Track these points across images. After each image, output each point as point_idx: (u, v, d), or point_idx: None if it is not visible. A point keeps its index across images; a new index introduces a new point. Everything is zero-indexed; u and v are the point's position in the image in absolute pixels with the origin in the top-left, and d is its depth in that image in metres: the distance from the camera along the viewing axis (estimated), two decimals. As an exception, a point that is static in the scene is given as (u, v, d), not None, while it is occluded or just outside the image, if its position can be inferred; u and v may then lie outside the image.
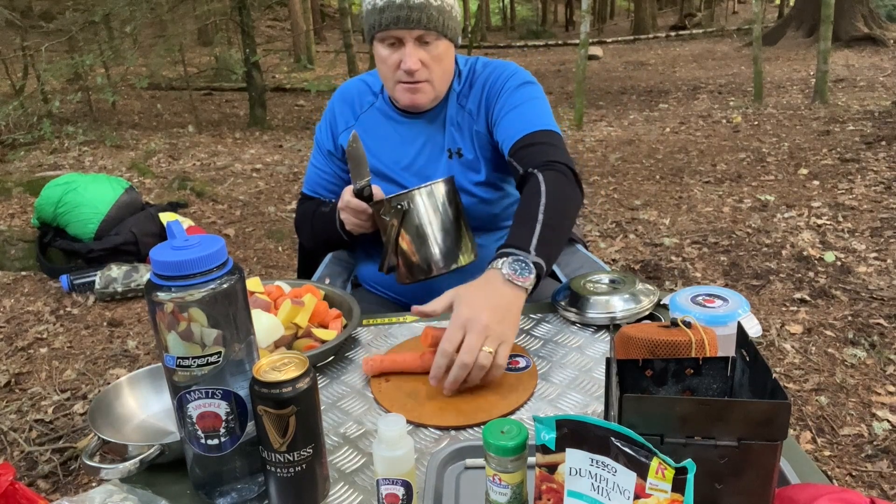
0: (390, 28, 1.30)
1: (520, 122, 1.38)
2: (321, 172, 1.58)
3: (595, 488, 0.68)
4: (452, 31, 1.35)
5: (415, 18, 1.29)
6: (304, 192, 1.62)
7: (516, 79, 1.44)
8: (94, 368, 2.74)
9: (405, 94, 1.37)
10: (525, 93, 1.42)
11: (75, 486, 2.05)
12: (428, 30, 1.30)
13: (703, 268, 3.40)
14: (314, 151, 1.60)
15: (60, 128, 7.13)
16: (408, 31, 1.30)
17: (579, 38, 7.00)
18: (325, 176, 1.57)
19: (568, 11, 23.52)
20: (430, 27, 1.30)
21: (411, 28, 1.30)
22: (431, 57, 1.34)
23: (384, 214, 1.29)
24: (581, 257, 1.66)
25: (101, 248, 3.60)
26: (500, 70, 1.46)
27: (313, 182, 1.60)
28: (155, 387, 1.05)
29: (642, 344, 0.93)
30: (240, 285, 0.80)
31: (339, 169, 1.56)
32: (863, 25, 11.17)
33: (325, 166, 1.57)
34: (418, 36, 1.31)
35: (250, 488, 0.86)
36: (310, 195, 1.60)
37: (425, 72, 1.35)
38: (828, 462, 2.00)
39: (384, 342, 1.26)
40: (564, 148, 1.38)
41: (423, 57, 1.33)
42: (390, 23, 1.29)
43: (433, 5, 1.30)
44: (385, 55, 1.35)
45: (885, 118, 6.21)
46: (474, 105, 1.45)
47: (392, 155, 1.48)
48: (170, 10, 8.26)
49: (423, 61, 1.33)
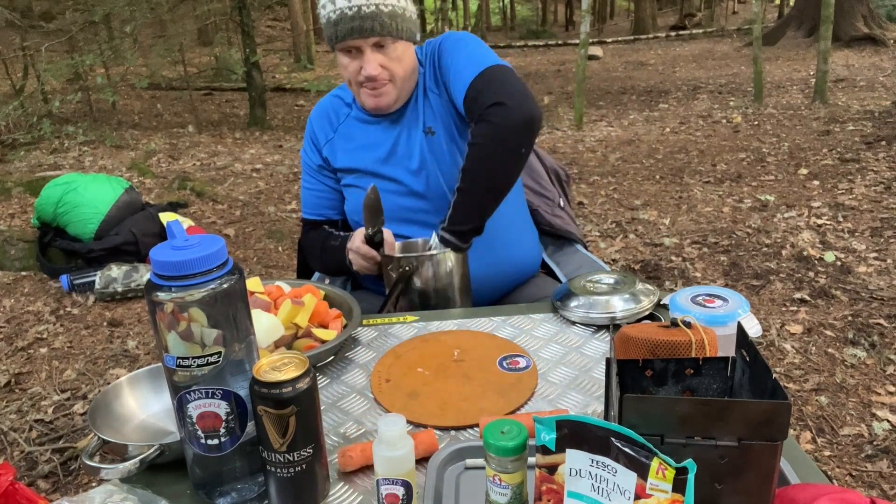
0: (346, 39, 1.36)
1: (458, 75, 1.41)
2: (316, 192, 1.61)
3: (595, 489, 0.68)
4: (408, 31, 1.40)
5: (367, 28, 1.34)
6: (305, 218, 1.65)
7: (450, 40, 1.49)
8: (94, 368, 2.74)
9: (369, 98, 1.43)
10: (461, 47, 1.46)
11: (75, 486, 2.05)
12: (382, 36, 1.36)
13: (703, 268, 3.40)
14: (304, 176, 1.63)
15: (60, 128, 7.13)
16: (363, 40, 1.36)
17: (579, 38, 7.00)
18: (321, 194, 1.60)
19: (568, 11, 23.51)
20: (383, 33, 1.35)
21: (366, 37, 1.35)
22: (390, 59, 1.39)
23: (391, 270, 1.37)
24: (581, 257, 1.67)
25: (101, 248, 3.60)
26: (436, 42, 1.51)
27: (311, 204, 1.63)
28: (155, 387, 1.05)
29: (642, 344, 0.93)
30: (240, 285, 0.80)
31: (330, 181, 1.59)
32: (863, 25, 11.17)
33: (317, 185, 1.60)
34: (375, 42, 1.36)
35: (250, 488, 0.86)
36: (312, 219, 1.63)
37: (386, 73, 1.40)
38: (828, 462, 1.99)
39: (384, 342, 1.26)
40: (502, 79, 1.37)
41: (382, 61, 1.39)
42: (346, 34, 1.35)
43: (384, 12, 1.34)
44: (346, 63, 1.40)
45: (885, 118, 6.21)
46: (431, 80, 1.49)
47: (372, 154, 1.52)
48: (170, 10, 8.26)
49: (382, 65, 1.39)
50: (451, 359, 1.17)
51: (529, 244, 1.62)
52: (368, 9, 1.33)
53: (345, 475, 0.91)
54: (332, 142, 1.56)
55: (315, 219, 1.63)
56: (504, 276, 1.55)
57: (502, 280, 1.55)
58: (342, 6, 1.34)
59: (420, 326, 1.31)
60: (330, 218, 1.62)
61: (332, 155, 1.56)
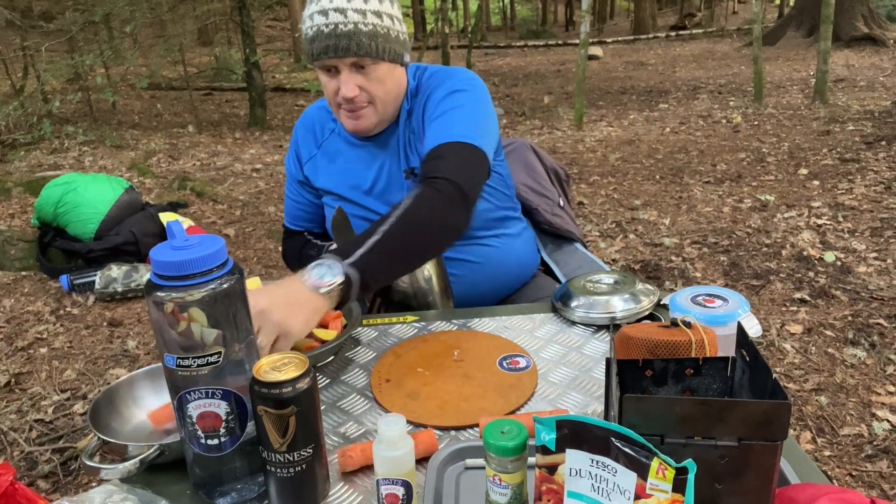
0: (322, 57, 1.28)
1: (433, 134, 1.33)
2: (296, 203, 1.59)
3: (595, 489, 0.68)
4: (391, 52, 1.30)
5: (343, 46, 1.25)
6: (286, 226, 1.65)
7: (445, 87, 1.39)
8: (94, 368, 2.74)
9: (347, 120, 1.36)
10: (450, 101, 1.36)
11: (75, 486, 2.05)
12: (360, 56, 1.27)
13: (703, 268, 3.40)
14: (287, 182, 1.60)
15: (60, 128, 7.13)
16: (339, 60, 1.28)
17: (579, 38, 7.00)
18: (301, 206, 1.59)
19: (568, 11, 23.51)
20: (361, 53, 1.26)
21: (341, 57, 1.27)
22: (369, 81, 1.30)
23: None
24: (581, 257, 1.66)
25: (101, 248, 3.60)
26: (438, 79, 1.42)
27: (292, 215, 1.62)
28: (155, 387, 1.05)
29: (642, 344, 0.93)
30: (240, 285, 0.80)
31: (311, 196, 1.57)
32: (863, 25, 11.17)
33: (298, 196, 1.58)
34: (353, 62, 1.28)
35: (250, 488, 0.86)
36: (292, 228, 1.63)
37: (365, 95, 1.31)
38: (828, 462, 1.99)
39: (384, 342, 1.26)
40: (467, 160, 1.29)
41: (361, 82, 1.30)
42: (321, 52, 1.27)
43: (363, 31, 1.25)
44: (325, 82, 1.33)
45: (885, 118, 6.21)
46: (417, 122, 1.42)
47: (353, 179, 1.47)
48: (170, 10, 8.26)
49: (360, 86, 1.30)
50: (451, 359, 1.17)
51: (526, 249, 1.61)
52: (346, 27, 1.24)
53: (345, 475, 0.91)
54: (315, 160, 1.51)
55: (295, 228, 1.63)
56: (502, 285, 1.55)
57: (501, 288, 1.55)
58: (319, 23, 1.26)
59: (420, 326, 1.31)
60: (310, 230, 1.62)
61: (314, 174, 1.51)
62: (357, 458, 0.90)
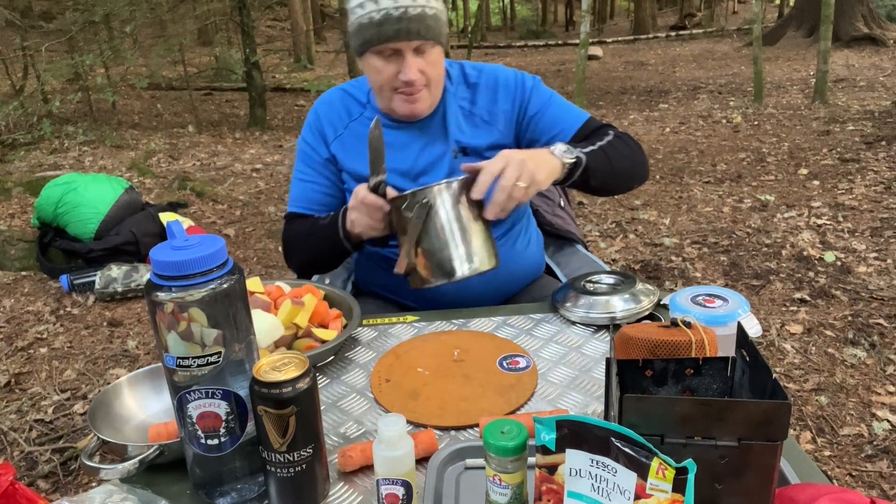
0: (390, 41, 1.29)
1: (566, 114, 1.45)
2: (312, 186, 1.50)
3: (595, 489, 0.68)
4: (445, 36, 1.37)
5: (414, 30, 1.28)
6: (291, 212, 1.53)
7: (522, 77, 1.48)
8: (94, 368, 2.74)
9: (403, 104, 1.37)
10: (545, 90, 1.49)
11: (75, 486, 2.05)
12: (426, 40, 1.31)
13: (703, 268, 3.40)
14: (299, 166, 1.53)
15: (60, 128, 7.13)
16: (407, 43, 1.30)
17: (579, 38, 7.00)
18: (318, 188, 1.50)
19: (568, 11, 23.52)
20: (428, 37, 1.31)
21: (411, 39, 1.29)
22: (428, 64, 1.34)
23: (406, 210, 1.18)
24: (581, 257, 1.67)
25: (101, 248, 3.60)
26: (496, 72, 1.48)
27: (304, 198, 1.51)
28: (155, 387, 1.05)
29: (642, 344, 0.93)
30: (240, 285, 0.80)
31: (334, 177, 1.51)
32: (863, 25, 11.17)
33: (316, 178, 1.50)
34: (417, 46, 1.31)
35: (250, 488, 0.86)
36: (300, 213, 1.51)
37: (423, 79, 1.35)
38: (828, 462, 1.99)
39: (384, 342, 1.26)
40: None
41: (421, 65, 1.33)
42: (390, 36, 1.28)
43: (429, 15, 1.30)
44: (381, 67, 1.33)
45: (885, 118, 6.21)
46: (484, 110, 1.45)
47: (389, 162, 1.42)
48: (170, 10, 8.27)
49: (421, 70, 1.33)
50: (451, 359, 1.17)
51: (535, 250, 1.61)
52: (414, 11, 1.28)
53: (345, 475, 0.91)
54: (342, 138, 1.48)
55: (304, 212, 1.51)
56: (510, 285, 1.54)
57: (508, 289, 1.55)
58: (387, 6, 1.27)
59: (420, 326, 1.31)
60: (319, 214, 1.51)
61: (342, 153, 1.48)
62: (357, 458, 0.90)
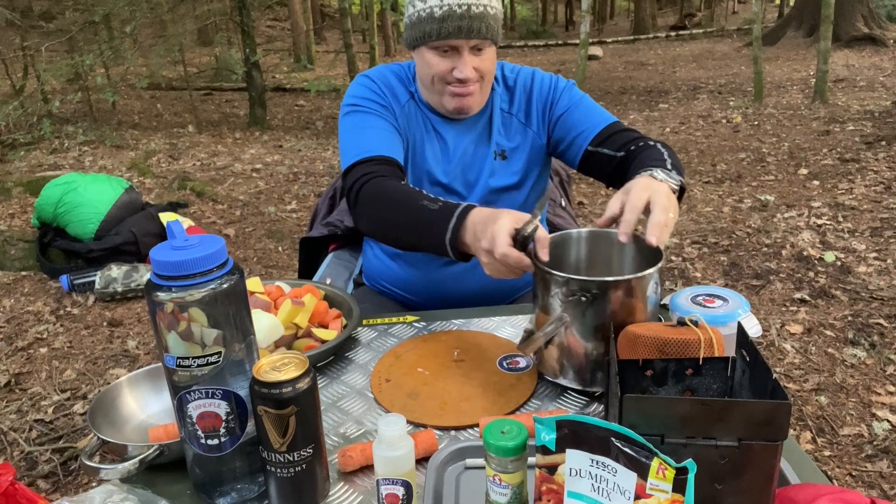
0: (450, 37, 1.29)
1: (593, 115, 1.42)
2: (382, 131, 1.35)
3: (595, 489, 0.68)
4: (500, 36, 1.36)
5: (475, 28, 1.28)
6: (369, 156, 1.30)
7: (554, 79, 1.48)
8: (94, 368, 2.74)
9: (454, 100, 1.36)
10: (576, 91, 1.47)
11: (75, 486, 2.05)
12: (485, 38, 1.31)
13: (703, 268, 3.40)
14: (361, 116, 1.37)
15: (60, 128, 7.13)
16: (466, 41, 1.29)
17: (579, 38, 7.00)
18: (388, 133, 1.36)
19: (568, 11, 23.51)
20: (488, 36, 1.31)
21: (471, 38, 1.29)
22: (483, 62, 1.34)
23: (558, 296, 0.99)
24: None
25: (101, 248, 3.60)
26: (536, 77, 1.49)
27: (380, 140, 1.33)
28: (155, 387, 1.05)
29: (650, 342, 0.92)
30: (240, 285, 0.80)
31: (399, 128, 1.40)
32: (863, 25, 11.16)
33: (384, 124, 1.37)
34: (475, 44, 1.31)
35: (250, 488, 0.86)
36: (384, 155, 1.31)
37: (476, 76, 1.34)
38: (828, 462, 1.99)
39: (384, 342, 1.26)
40: None
41: (477, 64, 1.33)
42: (450, 32, 1.28)
43: (490, 14, 1.30)
44: (435, 62, 1.33)
45: (885, 118, 6.20)
46: (520, 111, 1.46)
47: (431, 156, 1.44)
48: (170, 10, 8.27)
49: (475, 67, 1.33)
50: (451, 359, 1.17)
51: None
52: (477, 9, 1.27)
53: (345, 475, 0.91)
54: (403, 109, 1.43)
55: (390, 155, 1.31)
56: (511, 283, 1.54)
57: (509, 287, 1.55)
58: (451, 3, 1.26)
59: (420, 326, 1.31)
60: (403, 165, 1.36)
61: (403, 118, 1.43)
62: (357, 458, 0.90)
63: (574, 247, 1.19)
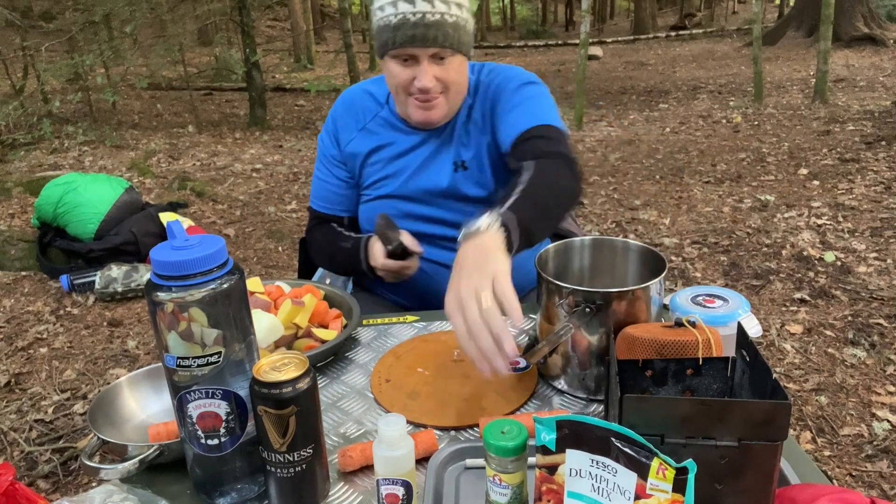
0: (405, 46, 1.26)
1: (519, 118, 1.34)
2: (328, 186, 1.52)
3: (595, 489, 0.68)
4: (466, 45, 1.31)
5: (431, 37, 1.25)
6: (312, 208, 1.56)
7: (517, 80, 1.41)
8: (94, 368, 2.74)
9: (418, 111, 1.34)
10: (525, 92, 1.39)
11: (75, 486, 2.05)
12: (444, 47, 1.27)
13: (703, 268, 3.40)
14: (318, 164, 1.55)
15: (60, 128, 7.13)
16: (423, 50, 1.27)
17: (579, 38, 7.00)
18: (333, 189, 1.52)
19: (568, 11, 23.51)
20: (445, 45, 1.26)
21: (427, 46, 1.26)
22: (446, 72, 1.31)
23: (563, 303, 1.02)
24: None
25: (101, 248, 3.60)
26: (502, 75, 1.43)
27: (322, 197, 1.54)
28: (155, 387, 1.05)
29: (648, 345, 0.92)
30: (240, 285, 0.80)
31: (345, 175, 1.51)
32: (863, 25, 11.16)
33: (330, 177, 1.52)
34: (434, 53, 1.28)
35: (250, 488, 0.86)
36: (320, 211, 1.54)
37: (439, 87, 1.32)
38: (828, 462, 1.99)
39: (384, 342, 1.26)
40: (566, 142, 1.32)
41: (438, 73, 1.30)
42: (405, 41, 1.25)
43: (448, 23, 1.26)
44: (397, 72, 1.31)
45: (885, 118, 6.20)
46: (479, 115, 1.43)
47: (396, 166, 1.45)
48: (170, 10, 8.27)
49: (437, 77, 1.30)
50: (451, 359, 1.17)
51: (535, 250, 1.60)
52: (433, 17, 1.24)
53: (345, 475, 0.91)
54: (354, 142, 1.48)
55: (324, 212, 1.54)
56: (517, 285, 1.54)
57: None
58: (405, 10, 1.24)
59: (420, 326, 1.31)
60: (338, 215, 1.54)
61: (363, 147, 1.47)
62: (357, 458, 0.90)
63: (577, 255, 1.22)
